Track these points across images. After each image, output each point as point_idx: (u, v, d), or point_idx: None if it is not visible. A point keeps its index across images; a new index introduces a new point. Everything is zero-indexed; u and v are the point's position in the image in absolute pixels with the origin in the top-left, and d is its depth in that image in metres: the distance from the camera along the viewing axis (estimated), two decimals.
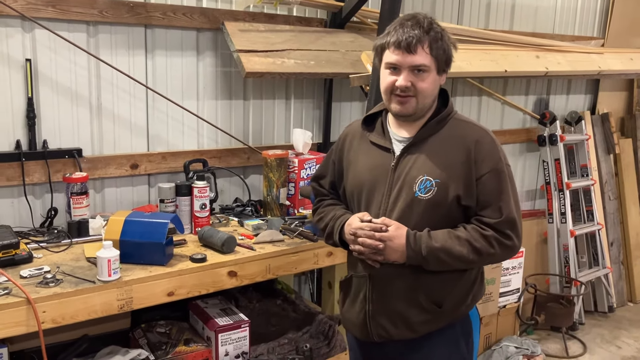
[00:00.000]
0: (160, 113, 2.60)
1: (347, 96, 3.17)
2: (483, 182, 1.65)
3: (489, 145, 1.68)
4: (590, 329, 4.09)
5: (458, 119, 1.75)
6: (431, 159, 1.68)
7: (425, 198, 1.65)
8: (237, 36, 2.56)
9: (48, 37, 2.26)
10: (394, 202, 1.70)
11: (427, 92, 1.66)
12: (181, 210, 2.34)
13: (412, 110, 1.67)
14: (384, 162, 1.74)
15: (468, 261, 1.65)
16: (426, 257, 1.63)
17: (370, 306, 1.76)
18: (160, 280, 1.93)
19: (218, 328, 2.12)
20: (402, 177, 1.69)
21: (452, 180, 1.64)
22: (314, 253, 2.29)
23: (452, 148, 1.68)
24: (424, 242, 1.63)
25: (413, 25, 1.63)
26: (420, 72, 1.63)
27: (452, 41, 1.70)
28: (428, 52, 1.63)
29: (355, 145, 1.84)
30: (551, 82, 4.26)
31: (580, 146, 4.31)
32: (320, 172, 2.01)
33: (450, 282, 1.72)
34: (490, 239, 1.64)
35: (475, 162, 1.65)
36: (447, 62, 1.69)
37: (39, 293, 1.73)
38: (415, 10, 3.30)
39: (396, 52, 1.63)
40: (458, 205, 1.66)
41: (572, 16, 4.27)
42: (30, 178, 2.29)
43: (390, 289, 1.73)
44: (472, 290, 1.77)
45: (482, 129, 1.73)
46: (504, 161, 1.70)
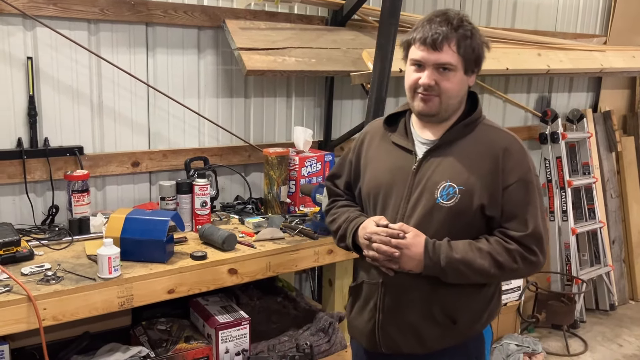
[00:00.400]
0: (162, 111, 2.60)
1: (348, 94, 3.17)
2: (510, 192, 1.56)
3: (518, 153, 1.60)
4: (592, 327, 4.09)
5: (487, 124, 1.66)
6: (456, 164, 1.59)
7: (447, 205, 1.56)
8: (238, 34, 2.57)
9: (49, 35, 2.27)
10: (412, 208, 1.61)
11: (452, 92, 1.58)
12: (182, 208, 2.35)
13: (435, 110, 1.59)
14: (404, 165, 1.65)
15: (489, 275, 1.56)
16: (444, 269, 1.54)
17: (380, 315, 1.67)
18: (161, 277, 1.94)
19: (218, 325, 2.13)
20: (424, 182, 1.60)
21: (477, 188, 1.55)
22: (314, 251, 2.30)
23: (478, 154, 1.59)
24: (444, 252, 1.54)
25: (441, 21, 1.55)
26: (446, 71, 1.55)
27: (484, 40, 1.60)
28: (455, 50, 1.54)
29: (375, 145, 1.76)
30: (553, 80, 4.26)
31: (582, 144, 4.30)
32: (335, 171, 1.92)
33: (467, 296, 1.63)
34: (514, 254, 1.55)
35: (502, 170, 1.56)
36: (476, 62, 1.59)
37: (39, 290, 1.74)
38: (416, 8, 3.32)
39: (421, 49, 1.56)
40: (482, 215, 1.57)
41: (574, 14, 4.26)
42: (32, 176, 2.30)
43: (404, 299, 1.64)
44: (489, 307, 1.68)
45: (511, 136, 1.64)
46: (533, 171, 1.61)
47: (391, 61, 2.54)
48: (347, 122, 3.18)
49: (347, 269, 2.51)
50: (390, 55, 2.52)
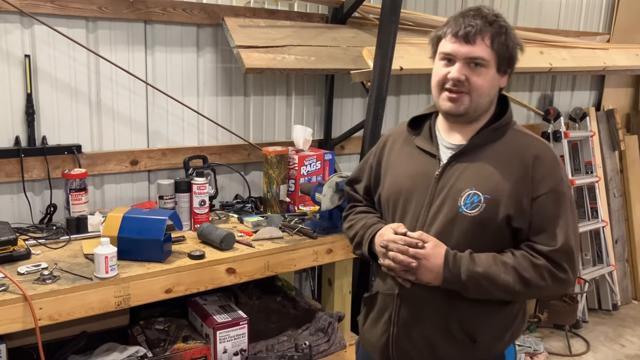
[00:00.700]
0: (160, 109, 2.59)
1: (349, 92, 3.15)
2: (539, 203, 1.46)
3: (550, 162, 1.50)
4: (594, 327, 4.07)
5: (517, 129, 1.57)
6: (482, 171, 1.49)
7: (471, 215, 1.47)
8: (237, 32, 2.55)
9: (47, 33, 2.25)
10: (434, 216, 1.52)
11: (483, 90, 1.48)
12: (180, 206, 2.33)
13: (464, 110, 1.50)
14: (427, 170, 1.56)
15: (513, 292, 1.46)
16: (465, 283, 1.45)
17: (395, 329, 1.59)
18: (158, 277, 1.93)
19: (216, 325, 2.12)
20: (447, 189, 1.51)
21: (504, 198, 1.46)
22: (313, 250, 2.28)
23: (507, 161, 1.49)
24: (465, 265, 1.45)
25: (475, 15, 1.47)
26: (477, 67, 1.46)
27: (518, 41, 1.52)
28: (488, 44, 1.45)
29: (397, 148, 1.68)
30: (555, 79, 4.23)
31: (584, 143, 4.27)
32: (355, 175, 1.85)
33: (489, 313, 1.53)
34: (542, 270, 1.44)
35: (532, 179, 1.47)
36: (509, 62, 1.51)
37: (35, 290, 1.73)
38: (417, 6, 3.30)
39: (452, 41, 1.47)
40: (508, 226, 1.47)
41: (577, 11, 4.23)
42: (30, 174, 2.29)
43: (420, 313, 1.55)
44: (512, 326, 1.59)
45: (543, 143, 1.55)
46: (566, 182, 1.52)
47: (392, 59, 2.52)
48: (348, 121, 3.16)
49: (347, 269, 2.49)
50: (391, 53, 2.51)
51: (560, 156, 3.99)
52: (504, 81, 1.55)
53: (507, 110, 1.57)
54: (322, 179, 2.67)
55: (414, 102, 3.47)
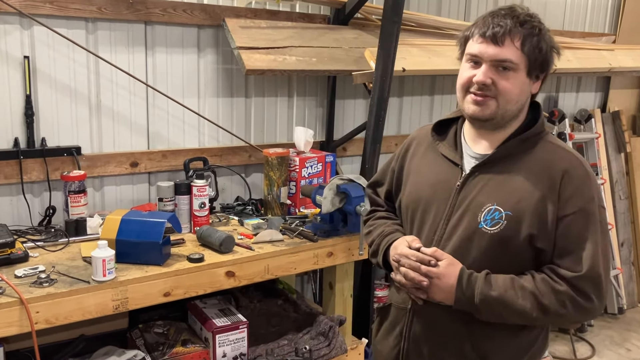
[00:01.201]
0: (161, 111, 2.57)
1: (351, 94, 3.13)
2: (566, 224, 1.36)
3: (581, 178, 1.38)
4: (599, 330, 4.03)
5: (549, 140, 1.46)
6: (506, 185, 1.41)
7: (491, 232, 1.39)
8: (238, 33, 2.53)
9: (47, 34, 2.24)
10: (452, 230, 1.45)
11: (511, 95, 1.38)
12: (180, 209, 2.31)
13: (490, 114, 1.40)
14: (449, 179, 1.49)
15: (530, 319, 1.38)
16: (478, 306, 1.37)
17: (406, 344, 1.54)
18: (157, 280, 1.91)
19: (216, 329, 2.09)
20: (467, 202, 1.43)
21: (528, 216, 1.36)
22: (313, 253, 2.26)
23: (534, 175, 1.39)
24: (479, 288, 1.37)
25: (506, 14, 1.38)
26: (506, 70, 1.37)
27: (553, 44, 1.42)
28: (518, 46, 1.36)
29: (420, 153, 1.60)
30: (560, 80, 4.19)
31: (590, 145, 4.23)
32: (377, 178, 1.79)
33: (504, 336, 1.45)
34: (563, 297, 1.35)
35: (560, 197, 1.36)
36: (542, 66, 1.41)
37: (32, 293, 1.71)
38: (420, 7, 3.28)
39: (480, 41, 1.38)
40: (530, 247, 1.38)
41: (583, 12, 4.20)
42: (29, 176, 2.28)
43: (432, 330, 1.50)
44: (531, 349, 1.50)
45: (575, 157, 1.43)
46: (597, 202, 1.39)
47: (394, 60, 2.50)
48: (350, 122, 3.14)
49: (348, 272, 2.47)
50: (393, 54, 2.49)
51: None
52: (537, 87, 1.46)
53: (538, 119, 1.48)
54: (323, 181, 2.65)
55: (417, 104, 3.44)
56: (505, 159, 1.44)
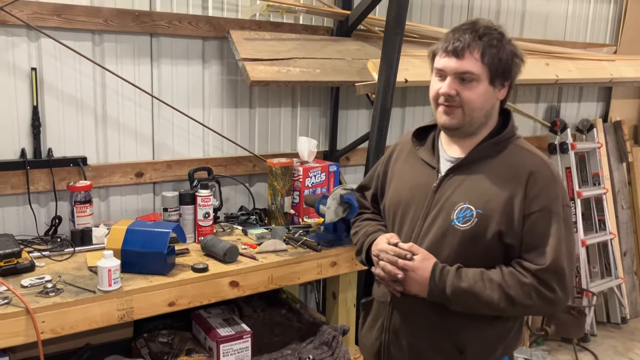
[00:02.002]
0: (166, 121, 2.60)
1: (354, 104, 3.15)
2: (532, 221, 1.45)
3: (546, 179, 1.48)
4: (603, 340, 4.02)
5: (518, 144, 1.56)
6: (477, 185, 1.51)
7: (462, 228, 1.48)
8: (243, 45, 2.56)
9: (53, 46, 2.27)
10: (428, 227, 1.55)
11: (475, 104, 1.48)
12: (185, 219, 2.33)
13: (458, 123, 1.51)
14: (426, 182, 1.59)
15: (498, 309, 1.46)
16: (449, 297, 1.46)
17: (386, 336, 1.63)
18: (161, 290, 1.93)
19: (220, 339, 2.11)
20: (442, 201, 1.53)
21: (497, 213, 1.46)
22: (317, 263, 2.27)
23: (503, 177, 1.49)
24: (450, 280, 1.46)
25: (467, 29, 1.49)
26: (468, 81, 1.48)
27: (516, 52, 1.51)
28: (478, 58, 1.46)
29: (403, 158, 1.71)
30: (562, 90, 4.21)
31: (591, 154, 4.24)
32: (365, 182, 1.89)
33: (478, 327, 1.53)
34: (529, 288, 1.43)
35: (526, 196, 1.46)
36: (504, 74, 1.50)
37: (38, 303, 1.73)
38: (423, 18, 3.31)
39: (443, 57, 1.50)
40: (499, 242, 1.47)
41: (584, 23, 4.22)
42: (35, 186, 2.30)
43: (410, 322, 1.58)
44: (505, 340, 1.57)
45: (542, 160, 1.53)
46: (562, 201, 1.49)
47: (396, 71, 2.52)
48: (353, 132, 3.16)
49: (351, 282, 2.48)
50: (396, 65, 2.51)
51: (566, 168, 4.04)
52: (503, 93, 1.54)
53: (509, 125, 1.57)
54: (326, 191, 2.66)
55: (419, 114, 3.46)
56: (478, 161, 1.54)
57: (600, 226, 4.24)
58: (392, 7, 2.46)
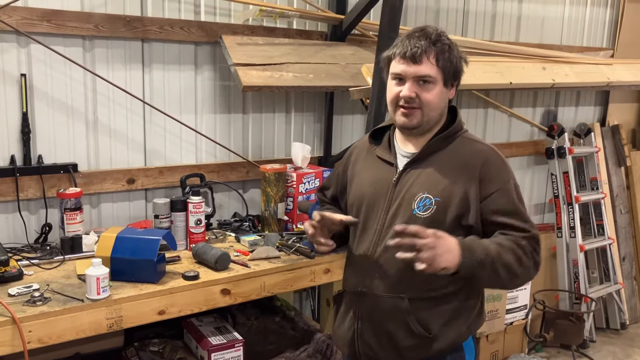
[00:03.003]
0: (158, 127, 2.57)
1: (349, 109, 3.13)
2: (492, 199, 1.59)
3: (497, 164, 1.64)
4: (602, 346, 3.98)
5: (466, 137, 1.70)
6: (433, 176, 1.63)
7: (423, 216, 1.60)
8: (235, 50, 2.54)
9: (43, 52, 2.25)
10: (391, 219, 1.65)
11: (433, 105, 1.62)
12: (176, 226, 2.30)
13: (417, 123, 1.63)
14: (386, 177, 1.70)
15: (513, 273, 1.53)
16: (483, 261, 1.50)
17: (359, 324, 1.70)
18: (151, 298, 1.89)
19: (211, 347, 2.08)
20: (402, 194, 1.65)
21: (453, 200, 1.59)
22: (310, 270, 2.24)
23: (457, 166, 1.63)
24: (477, 243, 1.52)
25: (420, 36, 1.60)
26: (426, 83, 1.60)
27: (461, 55, 1.66)
28: (434, 62, 1.59)
29: (362, 159, 1.82)
30: (559, 94, 4.20)
31: (589, 159, 4.22)
32: (325, 183, 2.03)
33: (446, 306, 1.63)
34: (526, 250, 1.56)
35: (481, 181, 1.60)
36: (454, 75, 1.65)
37: (25, 312, 1.70)
38: (418, 22, 3.29)
39: (401, 62, 1.60)
40: (459, 226, 1.59)
41: (581, 27, 4.21)
42: (25, 193, 2.27)
43: (381, 308, 1.66)
44: (469, 319, 1.67)
45: (490, 147, 1.68)
46: (513, 181, 1.64)
47: None
48: (348, 138, 3.14)
49: None
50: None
51: (564, 172, 4.02)
52: (452, 93, 1.68)
53: (456, 120, 1.69)
54: None
55: None
56: (431, 155, 1.66)
57: (599, 231, 4.22)
58: (386, 11, 2.45)
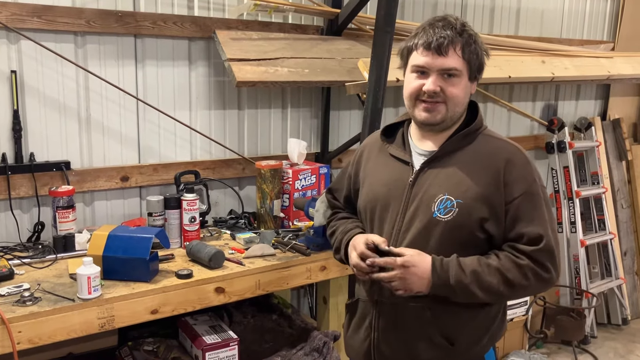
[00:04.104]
0: (152, 124, 2.54)
1: (346, 105, 3.10)
2: (515, 206, 1.47)
3: (522, 165, 1.51)
4: (603, 342, 3.95)
5: (488, 134, 1.59)
6: (454, 176, 1.51)
7: (445, 219, 1.48)
8: (229, 45, 2.50)
9: (34, 49, 2.22)
10: (409, 222, 1.53)
11: (458, 100, 1.51)
12: (170, 223, 2.27)
13: (441, 119, 1.52)
14: (401, 177, 1.58)
15: (498, 293, 1.47)
16: (454, 287, 1.45)
17: (375, 335, 1.61)
18: (143, 297, 1.87)
19: (205, 346, 2.05)
20: (420, 195, 1.53)
21: (477, 202, 1.47)
22: (306, 267, 2.21)
23: (479, 166, 1.51)
24: (453, 270, 1.45)
25: (445, 25, 1.48)
26: (451, 77, 1.49)
27: (484, 48, 1.55)
28: (460, 55, 1.48)
29: (373, 157, 1.70)
30: (559, 88, 4.15)
31: (590, 153, 4.18)
32: (335, 184, 1.88)
33: (466, 317, 1.54)
34: (525, 270, 1.45)
35: (505, 184, 1.48)
36: (479, 69, 1.54)
37: (14, 312, 1.68)
38: (415, 15, 3.25)
39: (425, 54, 1.49)
40: (481, 230, 1.49)
41: (581, 20, 4.16)
42: (17, 192, 2.25)
43: (399, 319, 1.57)
44: (491, 329, 1.59)
45: (514, 146, 1.57)
46: (539, 183, 1.53)
47: (387, 71, 2.46)
48: (345, 133, 3.10)
49: (342, 286, 2.42)
50: (386, 65, 2.45)
51: (564, 167, 3.98)
52: (474, 88, 1.58)
53: (477, 116, 1.59)
54: (317, 194, 2.61)
55: None
56: (451, 153, 1.55)
57: (600, 226, 4.19)
58: (382, 5, 2.40)
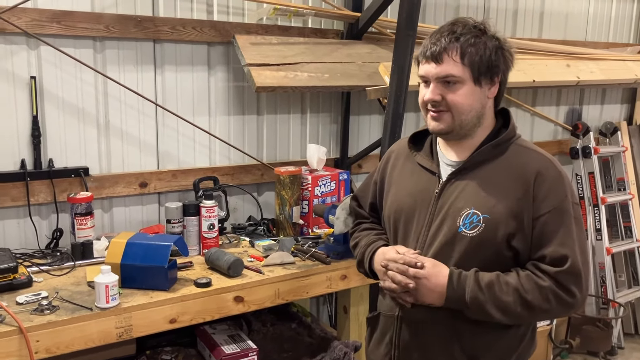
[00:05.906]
0: (171, 130, 2.52)
1: (366, 109, 3.05)
2: (543, 222, 1.40)
3: (553, 179, 1.43)
4: (631, 353, 3.84)
5: (520, 144, 1.51)
6: (482, 189, 1.45)
7: (470, 235, 1.43)
8: (248, 50, 2.47)
9: (54, 54, 2.21)
10: (433, 235, 1.49)
11: (462, 107, 1.44)
12: (189, 230, 2.25)
13: (447, 127, 1.46)
14: (427, 187, 1.53)
15: (515, 314, 1.40)
16: (468, 303, 1.40)
17: (396, 352, 1.56)
18: (162, 306, 1.84)
19: (224, 356, 2.01)
20: (446, 208, 1.48)
21: (504, 217, 1.41)
22: (326, 276, 2.17)
23: (508, 179, 1.44)
24: (470, 285, 1.39)
25: (444, 32, 1.45)
26: (451, 84, 1.43)
27: (500, 46, 1.45)
28: (458, 60, 1.42)
29: (400, 165, 1.65)
30: (584, 92, 4.06)
31: (616, 158, 4.08)
32: (360, 191, 1.83)
33: (492, 335, 1.47)
34: (547, 292, 1.38)
35: (534, 198, 1.41)
36: (489, 71, 1.44)
37: (32, 321, 1.66)
38: (437, 19, 3.20)
39: (425, 63, 1.47)
40: (508, 247, 1.42)
41: (606, 22, 4.07)
42: (36, 198, 2.24)
43: (421, 336, 1.52)
44: (519, 348, 1.51)
45: (547, 159, 1.48)
46: (571, 199, 1.44)
47: (409, 75, 2.41)
48: (365, 139, 3.06)
49: (363, 295, 2.37)
50: (408, 69, 2.40)
51: (589, 173, 3.88)
52: (493, 92, 1.48)
53: (509, 125, 1.52)
54: (337, 200, 2.56)
55: None
56: (480, 164, 1.49)
57: (627, 233, 4.08)
58: (404, 8, 2.36)
